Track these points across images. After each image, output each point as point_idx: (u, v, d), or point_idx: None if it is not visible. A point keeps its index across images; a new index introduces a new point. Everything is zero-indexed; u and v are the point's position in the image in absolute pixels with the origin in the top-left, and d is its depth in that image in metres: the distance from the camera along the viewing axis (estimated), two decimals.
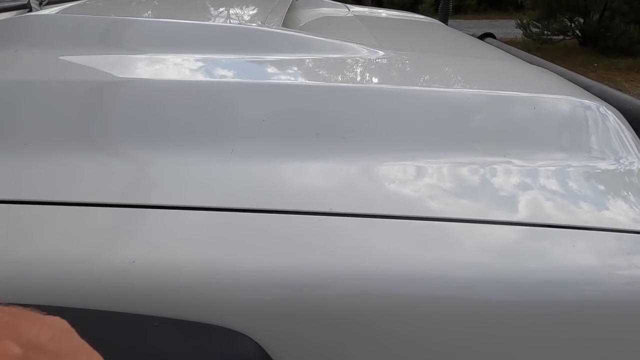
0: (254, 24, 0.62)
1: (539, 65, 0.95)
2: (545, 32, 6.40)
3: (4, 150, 0.33)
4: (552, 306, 0.28)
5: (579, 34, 6.37)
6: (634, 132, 0.52)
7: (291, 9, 1.21)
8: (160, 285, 0.26)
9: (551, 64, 0.96)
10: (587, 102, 0.51)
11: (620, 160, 0.44)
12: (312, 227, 0.29)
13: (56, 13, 0.62)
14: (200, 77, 0.45)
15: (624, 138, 0.48)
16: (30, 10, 0.89)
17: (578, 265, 0.30)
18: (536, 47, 6.33)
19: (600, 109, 0.50)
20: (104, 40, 0.55)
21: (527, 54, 1.06)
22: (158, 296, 0.25)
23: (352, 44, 0.59)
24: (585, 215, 0.34)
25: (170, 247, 0.28)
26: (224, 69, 0.48)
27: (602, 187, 0.40)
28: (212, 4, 0.88)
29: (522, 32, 6.63)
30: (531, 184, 0.38)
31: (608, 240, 0.32)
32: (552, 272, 0.29)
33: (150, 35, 0.55)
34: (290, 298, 0.26)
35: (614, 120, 0.49)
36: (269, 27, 0.57)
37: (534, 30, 6.53)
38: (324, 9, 1.19)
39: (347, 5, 1.24)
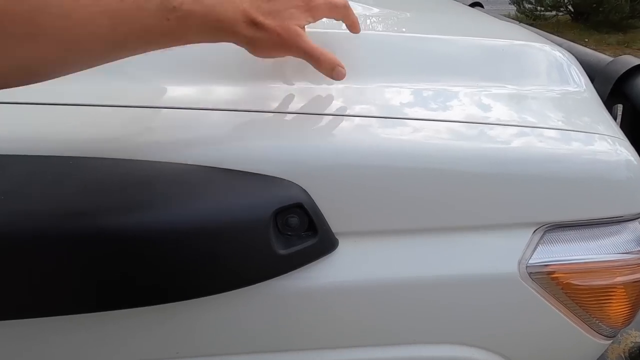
0: None
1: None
2: (539, 7, 6.44)
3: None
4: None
5: (572, 10, 6.41)
6: (582, 70, 0.64)
7: None
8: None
9: (529, 26, 1.08)
10: (543, 45, 0.63)
11: (565, 88, 0.57)
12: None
13: None
14: None
15: (571, 73, 0.61)
16: None
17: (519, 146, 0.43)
18: (529, 24, 6.39)
19: (553, 51, 0.63)
20: None
21: (508, 19, 1.17)
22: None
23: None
24: (528, 118, 0.47)
25: None
26: None
27: (547, 105, 0.53)
28: None
29: (515, 8, 6.65)
30: (486, 102, 0.51)
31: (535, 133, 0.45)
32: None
33: None
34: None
35: (563, 59, 0.62)
36: None
37: (527, 6, 6.56)
38: None
39: None
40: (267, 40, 0.35)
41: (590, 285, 0.45)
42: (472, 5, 1.39)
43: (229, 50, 0.37)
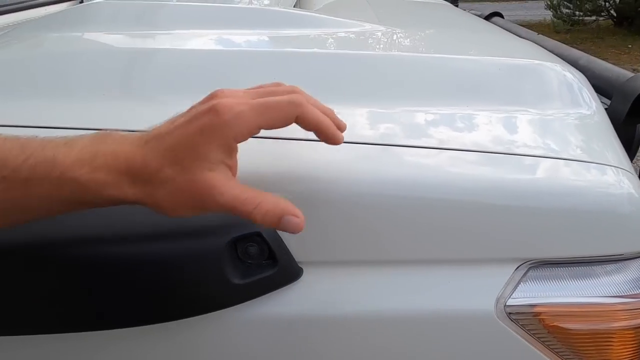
0: (268, 5, 0.74)
1: (536, 41, 1.02)
2: (577, 12, 6.14)
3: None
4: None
5: (614, 14, 6.06)
6: (593, 92, 0.60)
7: None
8: None
9: (548, 38, 1.03)
10: (551, 64, 0.59)
11: (571, 111, 0.53)
12: None
13: (110, 1, 0.75)
14: (226, 47, 0.58)
15: (580, 95, 0.56)
16: (82, 1, 1.05)
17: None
18: (566, 30, 6.09)
19: (561, 70, 0.59)
20: (143, 20, 0.69)
21: (527, 30, 1.12)
22: None
23: (353, 21, 0.69)
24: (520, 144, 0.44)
25: None
26: (242, 42, 0.60)
27: (546, 130, 0.49)
28: None
29: (552, 13, 6.38)
30: (487, 126, 0.48)
31: (533, 163, 0.42)
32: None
33: (179, 16, 0.68)
34: None
35: (572, 80, 0.58)
36: (280, 7, 0.68)
37: (565, 11, 6.28)
38: None
39: None
40: (170, 200, 0.25)
41: (584, 329, 0.41)
42: (492, 15, 1.35)
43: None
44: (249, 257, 0.37)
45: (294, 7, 0.97)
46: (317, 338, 0.40)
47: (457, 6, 1.55)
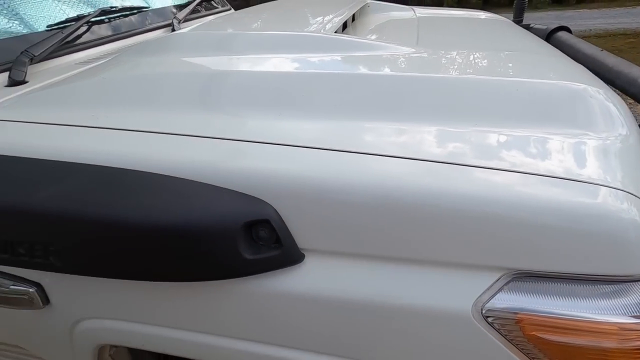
0: (315, 32, 0.84)
1: (597, 58, 0.98)
2: None
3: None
4: None
5: None
6: (630, 117, 0.59)
7: (363, 14, 1.40)
8: None
9: (610, 55, 0.98)
10: (585, 88, 0.60)
11: (598, 135, 0.53)
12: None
13: (192, 31, 0.92)
14: (293, 69, 0.70)
15: (612, 119, 0.56)
16: (174, 29, 1.27)
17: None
18: None
19: (597, 94, 0.59)
20: (223, 47, 0.83)
21: (590, 45, 1.07)
22: None
23: (387, 44, 0.76)
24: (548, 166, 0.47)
25: None
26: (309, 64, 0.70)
27: (563, 152, 0.51)
28: (294, 15, 1.13)
29: None
30: (488, 143, 0.52)
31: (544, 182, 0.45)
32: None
33: (252, 43, 0.82)
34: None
35: (607, 105, 0.58)
36: (322, 33, 0.78)
37: None
38: (392, 12, 1.35)
39: (414, 7, 1.37)
40: None
41: (565, 342, 0.42)
42: (557, 30, 1.30)
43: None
44: (260, 239, 0.46)
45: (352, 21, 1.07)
46: (312, 315, 0.47)
47: (521, 19, 1.51)
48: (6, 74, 0.79)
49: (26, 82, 0.78)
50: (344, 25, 1.18)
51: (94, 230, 0.47)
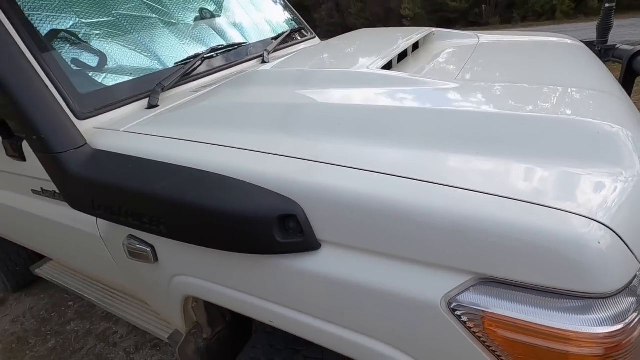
0: (370, 65, 1.00)
1: None
2: None
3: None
4: None
5: None
6: None
7: (429, 41, 1.50)
8: None
9: None
10: (602, 124, 0.65)
11: (600, 170, 0.58)
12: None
13: (273, 69, 1.16)
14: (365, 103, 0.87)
15: (622, 155, 0.60)
16: (264, 60, 1.55)
17: None
18: None
19: (614, 131, 0.63)
20: (292, 82, 1.05)
21: None
22: None
23: (424, 79, 0.88)
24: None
25: None
26: (338, 97, 0.88)
27: (559, 182, 0.57)
28: (359, 48, 1.30)
29: None
30: (477, 169, 0.61)
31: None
32: None
33: (315, 80, 1.01)
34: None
35: (618, 140, 0.62)
36: (368, 70, 0.94)
37: None
38: (454, 40, 1.42)
39: (479, 34, 1.42)
40: None
41: (518, 340, 0.51)
42: None
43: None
44: (289, 229, 0.64)
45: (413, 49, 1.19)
46: (322, 290, 0.63)
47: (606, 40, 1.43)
48: (146, 99, 1.13)
49: (158, 105, 1.11)
50: (405, 53, 1.31)
51: (188, 211, 0.71)
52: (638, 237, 0.51)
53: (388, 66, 1.14)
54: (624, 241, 0.49)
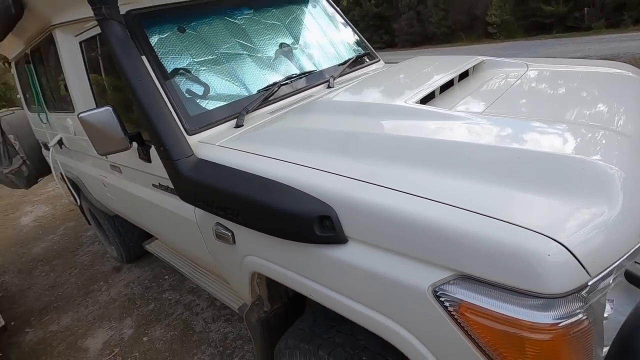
0: (399, 101, 1.20)
1: None
2: None
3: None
4: None
5: None
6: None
7: (479, 69, 1.61)
8: None
9: None
10: (592, 163, 0.77)
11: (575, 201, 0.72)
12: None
13: (334, 99, 1.41)
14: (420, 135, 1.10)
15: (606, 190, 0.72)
16: (329, 86, 1.82)
17: None
18: None
19: (604, 168, 0.76)
20: (348, 111, 1.29)
21: None
22: None
23: (453, 112, 1.05)
24: None
25: None
26: (373, 126, 1.10)
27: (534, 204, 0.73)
28: (399, 82, 1.49)
29: None
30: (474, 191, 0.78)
31: None
32: None
33: (365, 110, 1.24)
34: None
35: (606, 176, 0.74)
36: (405, 103, 1.13)
37: None
38: (503, 69, 1.51)
39: (529, 62, 1.48)
40: None
41: (485, 325, 0.67)
42: None
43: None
44: (325, 226, 0.88)
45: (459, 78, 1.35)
46: (348, 274, 0.85)
47: None
48: (235, 120, 1.46)
49: (243, 125, 1.44)
50: (452, 82, 1.46)
51: (257, 207, 0.99)
52: (594, 257, 0.64)
53: (431, 95, 1.31)
54: (576, 257, 0.62)
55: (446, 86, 1.44)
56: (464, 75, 1.52)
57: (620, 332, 0.56)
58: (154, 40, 1.48)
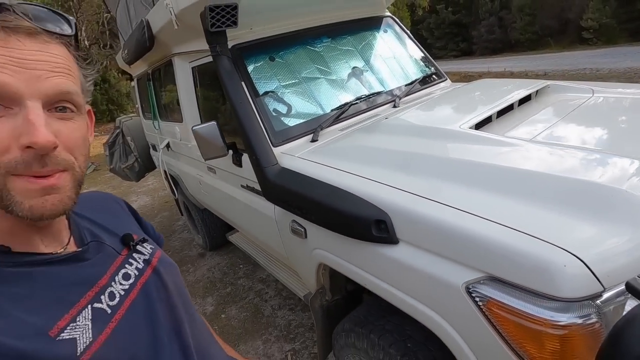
0: (455, 125, 1.34)
1: None
2: None
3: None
4: None
5: None
6: None
7: (544, 93, 1.67)
8: None
9: None
10: (620, 191, 0.88)
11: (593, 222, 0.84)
12: None
13: (398, 121, 1.61)
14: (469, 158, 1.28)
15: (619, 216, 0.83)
16: (395, 105, 2.01)
17: None
18: None
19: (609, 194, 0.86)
20: (409, 133, 1.48)
21: None
22: None
23: (501, 138, 1.19)
24: None
25: None
26: (431, 149, 1.28)
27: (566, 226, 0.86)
28: (460, 105, 1.61)
29: None
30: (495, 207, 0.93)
31: None
32: None
33: (423, 133, 1.43)
34: None
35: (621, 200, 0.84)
36: (461, 129, 1.28)
37: None
38: (567, 94, 1.55)
39: (597, 87, 1.49)
40: None
41: (509, 319, 0.81)
42: None
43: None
44: (381, 228, 1.08)
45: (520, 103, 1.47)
46: (398, 270, 1.05)
47: None
48: (311, 135, 1.73)
49: (317, 140, 1.70)
50: (512, 106, 1.55)
51: (327, 209, 1.23)
52: (609, 272, 0.75)
53: (488, 119, 1.43)
54: (590, 270, 0.74)
55: (507, 109, 1.53)
56: (526, 99, 1.60)
57: (612, 330, 0.66)
58: (250, 68, 1.82)
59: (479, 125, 1.35)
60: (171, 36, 2.16)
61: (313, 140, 1.70)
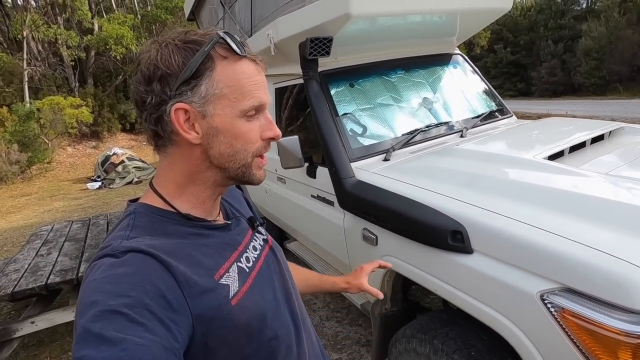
0: (527, 155, 1.45)
1: None
2: None
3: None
4: None
5: None
6: None
7: (618, 135, 1.72)
8: None
9: None
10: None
11: None
12: None
13: (465, 148, 1.74)
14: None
15: None
16: (462, 135, 2.13)
17: None
18: None
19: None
20: (476, 158, 1.61)
21: None
22: None
23: (574, 169, 1.28)
24: None
25: None
26: (506, 174, 1.39)
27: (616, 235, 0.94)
28: (531, 138, 1.71)
29: None
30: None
31: None
32: None
33: (494, 160, 1.55)
34: None
35: None
36: (533, 158, 1.38)
37: None
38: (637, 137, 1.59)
39: None
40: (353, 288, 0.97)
41: (582, 326, 0.89)
42: None
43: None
44: (456, 238, 1.20)
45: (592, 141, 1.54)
46: (473, 279, 1.15)
47: None
48: (384, 155, 1.90)
49: (389, 160, 1.86)
50: (584, 144, 1.62)
51: (402, 219, 1.37)
52: None
53: (560, 153, 1.52)
54: None
55: (579, 146, 1.60)
56: (599, 138, 1.66)
57: None
58: (333, 92, 2.06)
59: (551, 158, 1.44)
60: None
61: (385, 160, 1.87)
